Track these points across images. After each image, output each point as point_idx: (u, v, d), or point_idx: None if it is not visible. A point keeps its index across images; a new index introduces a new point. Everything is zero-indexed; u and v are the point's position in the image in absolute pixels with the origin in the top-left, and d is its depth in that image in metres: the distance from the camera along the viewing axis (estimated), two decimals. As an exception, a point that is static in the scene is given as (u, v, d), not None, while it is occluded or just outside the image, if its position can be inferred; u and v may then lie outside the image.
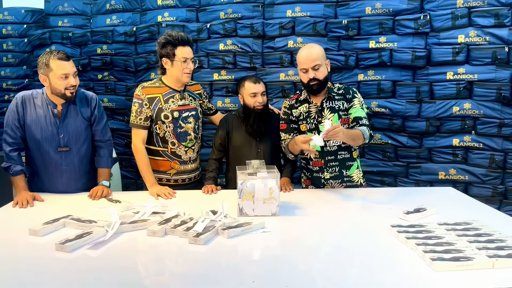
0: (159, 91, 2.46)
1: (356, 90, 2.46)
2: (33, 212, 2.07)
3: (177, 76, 2.44)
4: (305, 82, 2.35)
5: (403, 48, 3.13)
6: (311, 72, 2.31)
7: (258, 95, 2.56)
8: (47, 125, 2.30)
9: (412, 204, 2.10)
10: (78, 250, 1.58)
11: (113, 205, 2.10)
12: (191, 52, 2.45)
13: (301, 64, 2.34)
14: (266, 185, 1.96)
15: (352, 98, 2.41)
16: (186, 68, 2.41)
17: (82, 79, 4.07)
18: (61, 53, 2.23)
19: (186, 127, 2.49)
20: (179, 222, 1.80)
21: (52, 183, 2.37)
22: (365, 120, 2.34)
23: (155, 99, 2.44)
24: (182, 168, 2.54)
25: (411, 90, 3.14)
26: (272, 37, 3.42)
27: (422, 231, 1.71)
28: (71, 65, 2.25)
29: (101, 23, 4.09)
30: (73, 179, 2.39)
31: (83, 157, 2.41)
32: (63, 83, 2.23)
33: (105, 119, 2.50)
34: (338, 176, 2.44)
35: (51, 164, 2.34)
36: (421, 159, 3.20)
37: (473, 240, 1.61)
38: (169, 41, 2.39)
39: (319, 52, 2.34)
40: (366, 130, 2.25)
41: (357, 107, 2.38)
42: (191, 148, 2.55)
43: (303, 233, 1.79)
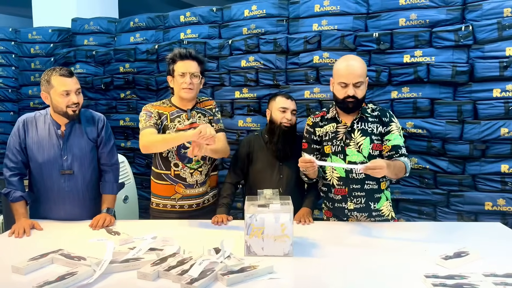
0: (167, 109, 2.31)
1: (392, 114, 2.18)
2: (27, 242, 1.92)
3: (177, 92, 2.29)
4: (340, 98, 2.08)
5: (442, 62, 2.82)
6: (351, 89, 2.04)
7: (287, 111, 2.37)
8: (50, 147, 2.17)
9: (451, 244, 1.79)
10: (57, 295, 1.40)
11: (111, 238, 1.92)
12: (191, 66, 2.25)
13: (342, 77, 2.06)
14: (278, 220, 1.71)
15: (389, 122, 2.13)
16: (184, 82, 2.23)
17: (105, 98, 4.02)
18: (64, 69, 2.12)
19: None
20: (175, 262, 1.58)
21: (54, 210, 2.23)
22: (404, 149, 2.09)
23: (162, 115, 2.29)
24: (188, 193, 2.31)
25: (452, 109, 2.81)
26: (297, 53, 3.20)
27: (464, 285, 1.40)
28: (74, 82, 2.11)
29: (125, 41, 4.05)
30: (77, 205, 2.24)
31: (88, 182, 2.26)
32: (64, 101, 2.09)
33: (113, 142, 2.35)
34: (364, 209, 2.15)
35: (54, 188, 2.20)
36: (464, 187, 2.83)
37: (529, 300, 1.29)
38: (170, 58, 2.29)
39: (363, 67, 2.09)
40: (408, 162, 2.03)
41: (396, 134, 2.11)
42: (197, 170, 2.31)
43: (319, 280, 1.52)
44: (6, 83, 4.50)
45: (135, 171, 3.80)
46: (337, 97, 2.11)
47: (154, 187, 2.39)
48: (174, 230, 2.08)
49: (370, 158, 2.08)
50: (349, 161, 2.11)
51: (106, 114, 3.87)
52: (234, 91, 3.41)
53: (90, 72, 4.04)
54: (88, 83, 4.02)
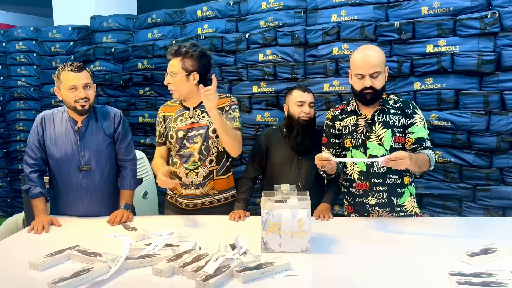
0: (174, 109, 2.29)
1: (416, 105, 2.10)
2: (46, 239, 1.93)
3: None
4: (358, 90, 2.02)
5: (466, 51, 2.70)
6: (368, 80, 1.97)
7: (305, 104, 2.31)
8: (67, 143, 2.19)
9: (478, 240, 1.71)
10: (72, 291, 1.39)
11: (128, 234, 1.92)
12: (172, 65, 2.17)
13: (357, 68, 1.99)
14: (295, 215, 1.67)
15: (412, 114, 2.05)
16: (167, 83, 2.19)
17: (125, 95, 4.04)
18: (74, 65, 2.13)
19: (191, 148, 2.22)
20: (190, 259, 1.56)
21: (73, 206, 2.25)
22: (428, 142, 2.01)
23: (168, 118, 2.28)
24: (184, 192, 2.28)
25: (478, 100, 2.69)
26: (315, 45, 3.13)
27: (491, 283, 1.32)
28: (82, 76, 2.10)
29: (143, 37, 4.05)
30: (95, 201, 2.25)
31: (106, 177, 2.27)
32: (72, 95, 2.10)
33: (130, 137, 2.35)
34: (386, 204, 2.08)
35: (72, 184, 2.22)
36: (491, 181, 2.71)
37: None
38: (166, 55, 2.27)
39: (381, 57, 2.00)
40: (432, 155, 1.95)
41: (420, 126, 2.03)
42: (193, 171, 2.23)
43: (337, 278, 1.47)
44: (28, 82, 4.58)
45: (153, 167, 3.81)
46: (355, 89, 2.04)
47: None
48: (191, 226, 2.06)
49: (392, 151, 1.99)
50: (370, 154, 2.04)
51: (125, 111, 3.94)
52: (252, 85, 3.37)
53: (109, 69, 4.07)
54: (107, 80, 4.05)
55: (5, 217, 4.29)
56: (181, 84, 2.16)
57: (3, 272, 1.57)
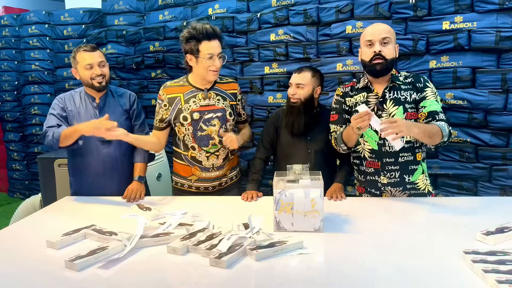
0: (181, 90, 2.24)
1: (427, 79, 2.06)
2: (62, 219, 1.97)
3: (203, 74, 2.18)
4: (368, 59, 1.99)
5: (484, 28, 2.62)
6: (378, 46, 1.95)
7: (292, 85, 2.31)
8: (87, 117, 2.30)
9: (493, 220, 1.69)
10: (89, 269, 1.42)
11: (142, 213, 1.94)
12: (218, 46, 2.15)
13: (367, 35, 1.99)
14: (308, 195, 1.66)
15: (423, 88, 2.01)
16: (212, 65, 2.13)
17: (137, 77, 4.04)
18: (88, 45, 2.29)
19: (208, 130, 2.22)
20: (204, 237, 1.58)
21: (95, 180, 2.33)
22: (442, 115, 1.95)
23: (175, 99, 2.22)
24: (204, 175, 2.30)
25: (495, 78, 2.62)
26: (328, 23, 3.07)
27: (506, 262, 1.31)
28: (96, 55, 2.26)
29: (154, 19, 4.03)
30: (116, 171, 2.35)
31: (125, 150, 2.38)
32: (89, 73, 2.25)
33: (144, 116, 2.50)
34: (399, 183, 2.06)
35: (94, 156, 2.32)
36: (508, 161, 2.66)
37: None
38: (193, 36, 2.12)
39: (390, 28, 2.02)
40: (446, 126, 1.88)
41: (432, 99, 1.98)
42: (214, 154, 2.26)
43: (351, 256, 1.47)
44: (42, 66, 4.62)
45: (167, 149, 3.83)
46: (364, 61, 2.02)
47: (174, 166, 2.42)
48: (204, 206, 2.08)
49: None
50: None
51: (138, 94, 3.94)
52: (264, 66, 3.34)
53: (121, 52, 4.07)
54: (119, 63, 4.05)
55: (23, 199, 4.38)
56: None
57: (22, 251, 1.61)
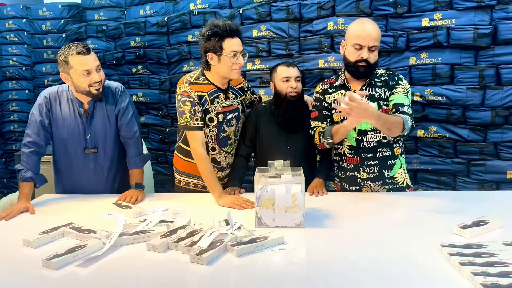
0: (205, 88, 2.16)
1: (402, 77, 2.09)
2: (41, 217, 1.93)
3: (225, 73, 2.11)
4: (353, 61, 2.00)
5: (463, 25, 2.66)
6: (366, 52, 1.96)
7: (291, 79, 2.27)
8: (74, 125, 2.14)
9: (470, 213, 1.72)
10: (66, 267, 1.40)
11: (122, 211, 1.92)
12: (240, 44, 2.10)
13: (358, 38, 1.97)
14: (289, 191, 1.67)
15: (395, 85, 2.05)
16: (236, 63, 2.08)
17: (117, 73, 3.99)
18: (80, 46, 1.99)
19: (229, 131, 2.24)
20: (185, 234, 1.57)
21: (79, 186, 2.24)
22: (407, 108, 1.97)
23: (202, 98, 2.14)
24: (220, 175, 2.30)
25: (473, 74, 2.67)
26: (310, 20, 3.08)
27: (482, 254, 1.34)
28: (93, 59, 2.01)
29: (135, 14, 3.98)
30: (101, 181, 2.25)
31: (113, 158, 2.25)
32: (86, 80, 2.01)
33: (131, 112, 2.24)
34: (378, 178, 2.10)
35: (79, 166, 2.20)
36: (486, 156, 2.72)
37: (553, 270, 1.22)
38: (215, 33, 2.04)
39: (379, 32, 2.01)
40: (408, 120, 1.89)
41: (400, 94, 2.02)
42: (230, 153, 2.31)
43: (331, 250, 1.48)
44: (20, 61, 4.52)
45: (149, 146, 3.80)
46: (348, 60, 2.02)
47: (180, 164, 2.33)
48: (186, 203, 2.07)
49: None
50: (359, 129, 2.05)
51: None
52: (246, 62, 3.32)
53: (101, 47, 4.01)
54: (99, 59, 3.93)
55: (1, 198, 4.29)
56: None
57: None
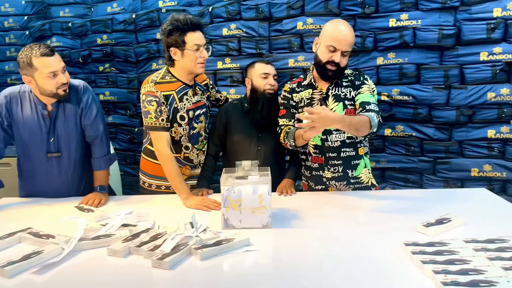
0: (172, 87, 2.12)
1: (367, 77, 2.13)
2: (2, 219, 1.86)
3: (190, 68, 2.09)
4: (324, 61, 2.00)
5: (428, 26, 2.71)
6: (338, 56, 1.97)
7: (269, 76, 2.27)
8: (36, 128, 2.04)
9: (434, 211, 1.76)
10: (21, 275, 1.34)
11: (84, 215, 1.85)
12: (203, 37, 2.08)
13: (333, 40, 1.97)
14: (256, 191, 1.65)
15: (361, 85, 2.07)
16: (200, 57, 2.05)
17: (84, 71, 3.88)
18: (43, 47, 1.90)
19: (198, 127, 2.22)
20: (148, 238, 1.53)
21: (43, 190, 2.16)
22: (373, 105, 1.99)
23: (169, 97, 2.10)
24: (193, 173, 2.28)
25: (439, 74, 2.72)
26: (280, 19, 3.07)
27: (443, 252, 1.35)
28: (58, 60, 1.94)
29: (102, 11, 3.86)
30: (66, 185, 2.18)
31: (77, 161, 2.17)
32: (52, 83, 1.93)
33: (95, 111, 2.14)
34: (342, 177, 2.11)
35: (42, 170, 2.12)
36: (451, 154, 2.78)
37: (509, 266, 1.25)
38: (176, 27, 2.02)
39: (354, 38, 2.03)
40: (374, 117, 1.89)
41: (366, 93, 2.04)
42: (201, 151, 2.30)
43: (297, 250, 1.47)
44: (-19, 59, 4.32)
45: (117, 146, 3.71)
46: (319, 60, 2.03)
47: (148, 167, 2.28)
48: (152, 205, 2.02)
49: None
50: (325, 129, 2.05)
51: (85, 89, 3.79)
52: (216, 61, 3.29)
53: (67, 45, 3.88)
54: (65, 57, 3.86)
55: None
56: None
57: None
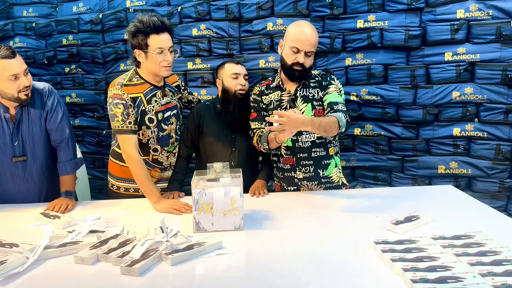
0: (140, 89, 2.08)
1: (334, 77, 2.16)
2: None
3: (154, 70, 2.05)
4: (289, 63, 2.02)
5: (395, 27, 2.76)
6: (302, 57, 1.99)
7: (240, 76, 2.26)
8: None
9: (403, 209, 1.79)
10: (-18, 287, 1.28)
11: (50, 222, 1.79)
12: (168, 40, 2.03)
13: (296, 42, 1.98)
14: (228, 194, 1.64)
15: (328, 85, 2.10)
16: (164, 60, 2.01)
17: (49, 73, 3.76)
18: (4, 49, 1.84)
19: (168, 129, 2.18)
20: (117, 244, 1.49)
21: (9, 195, 2.08)
22: (341, 105, 2.01)
23: (137, 100, 2.05)
24: (163, 175, 2.25)
25: (405, 74, 2.78)
26: (250, 20, 3.06)
27: (412, 250, 1.38)
28: (20, 62, 1.88)
29: (67, 11, 3.74)
30: (33, 190, 2.12)
31: (43, 165, 2.11)
32: (14, 86, 1.87)
33: (61, 114, 2.09)
34: (314, 177, 2.14)
35: (7, 175, 2.04)
36: (418, 152, 2.85)
37: (475, 261, 1.28)
38: (139, 29, 1.98)
39: (317, 37, 2.05)
40: (342, 117, 1.91)
41: (333, 93, 2.07)
42: (172, 153, 2.27)
43: (269, 251, 1.47)
44: None
45: (85, 149, 3.62)
46: (285, 62, 2.05)
47: (116, 170, 2.23)
48: (120, 209, 1.98)
49: None
50: None
51: (50, 91, 3.67)
52: (187, 62, 3.25)
53: (30, 46, 3.75)
54: (29, 58, 3.73)
55: None
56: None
57: None
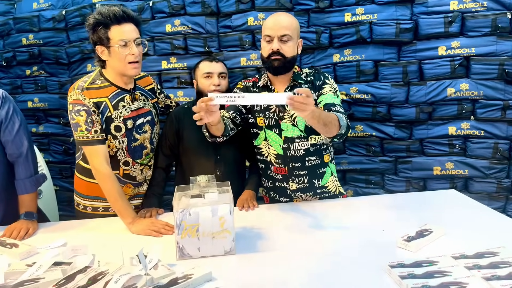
0: (105, 93, 1.81)
1: (328, 76, 1.96)
2: None
3: (120, 69, 1.80)
4: (265, 55, 1.83)
5: (384, 20, 2.59)
6: (276, 43, 1.78)
7: (213, 75, 2.05)
8: None
9: (409, 221, 1.63)
10: None
11: (5, 252, 1.52)
12: (133, 30, 1.77)
13: (266, 29, 1.82)
14: (216, 213, 1.41)
15: (322, 85, 1.90)
16: (129, 54, 1.75)
17: (8, 76, 3.43)
18: None
19: (141, 139, 1.91)
20: (85, 281, 1.24)
21: None
22: (339, 107, 1.82)
23: (101, 105, 1.79)
24: (137, 191, 1.97)
25: (397, 70, 2.61)
26: (229, 14, 2.83)
27: (435, 274, 1.19)
28: None
29: (27, 8, 3.41)
30: None
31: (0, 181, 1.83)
32: None
33: (18, 124, 1.84)
34: (308, 188, 1.94)
35: None
36: (412, 152, 2.69)
37: (509, 286, 1.11)
38: (98, 21, 1.74)
39: (293, 22, 1.83)
40: (343, 117, 1.73)
41: (329, 94, 1.87)
42: (147, 165, 1.98)
43: (267, 279, 1.26)
44: None
45: (51, 159, 3.31)
46: (263, 57, 1.86)
47: (82, 187, 1.96)
48: (89, 231, 1.72)
49: (307, 130, 1.87)
50: (285, 136, 1.89)
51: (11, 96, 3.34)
52: (160, 61, 2.99)
53: (-14, 46, 3.41)
54: (-15, 60, 3.39)
55: None
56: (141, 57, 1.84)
57: None
